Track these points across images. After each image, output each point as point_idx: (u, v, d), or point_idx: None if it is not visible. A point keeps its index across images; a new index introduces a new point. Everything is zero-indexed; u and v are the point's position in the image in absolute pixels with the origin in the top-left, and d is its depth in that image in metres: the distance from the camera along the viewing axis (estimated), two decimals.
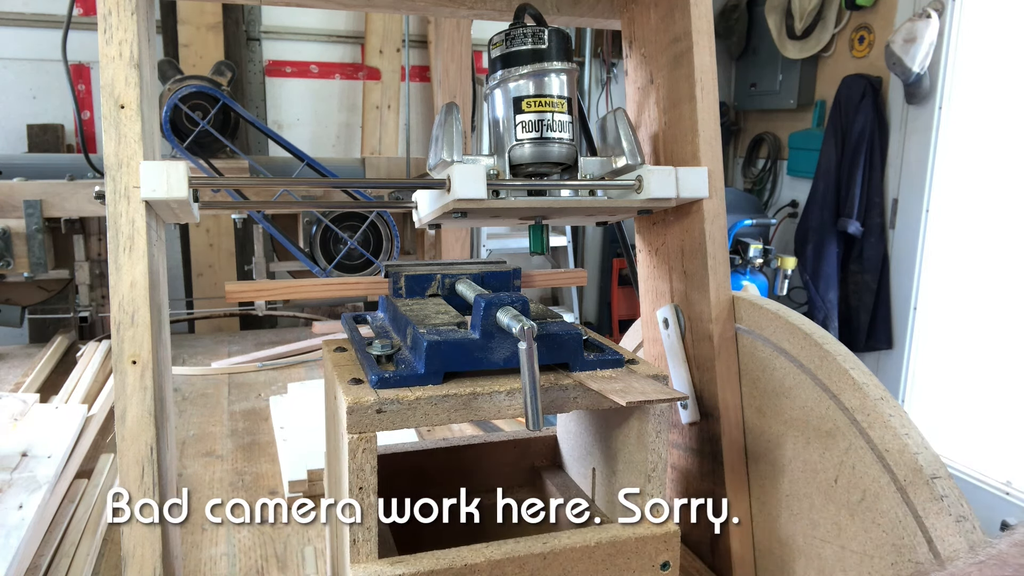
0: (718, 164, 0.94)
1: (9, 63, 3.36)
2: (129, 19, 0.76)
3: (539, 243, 0.96)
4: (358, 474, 0.69)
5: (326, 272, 2.23)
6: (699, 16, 0.92)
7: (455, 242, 2.78)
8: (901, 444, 0.72)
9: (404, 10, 1.04)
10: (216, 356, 2.22)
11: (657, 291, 1.06)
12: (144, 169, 0.76)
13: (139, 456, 0.76)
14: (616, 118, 0.91)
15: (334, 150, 4.01)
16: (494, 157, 0.88)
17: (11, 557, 1.04)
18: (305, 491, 1.35)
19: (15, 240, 2.05)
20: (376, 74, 3.85)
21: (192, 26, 3.41)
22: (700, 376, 0.98)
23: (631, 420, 0.82)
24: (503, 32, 0.87)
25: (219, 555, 1.19)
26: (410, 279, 0.92)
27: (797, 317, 0.87)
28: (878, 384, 0.77)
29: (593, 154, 0.95)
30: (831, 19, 3.81)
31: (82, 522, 1.23)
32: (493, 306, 0.73)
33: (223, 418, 1.75)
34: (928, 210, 3.37)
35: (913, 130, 3.40)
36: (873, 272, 3.55)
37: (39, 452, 1.37)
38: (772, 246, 3.91)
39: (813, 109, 4.10)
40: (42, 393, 1.77)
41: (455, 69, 2.90)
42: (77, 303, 2.34)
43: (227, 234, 3.33)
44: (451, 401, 0.71)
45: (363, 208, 2.11)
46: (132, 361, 0.76)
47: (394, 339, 0.81)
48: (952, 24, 3.19)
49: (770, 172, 4.47)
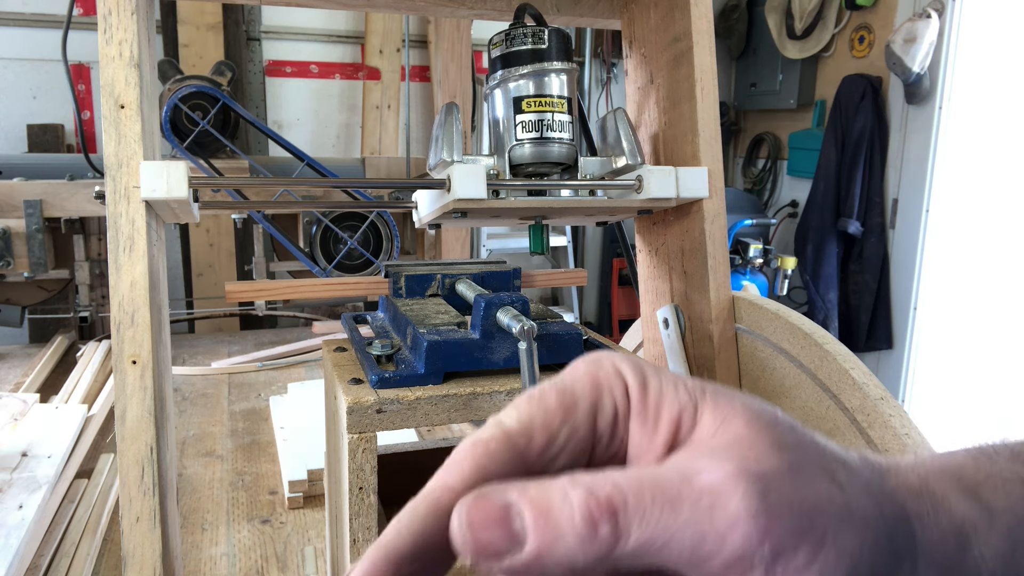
0: (718, 164, 0.94)
1: (9, 63, 3.36)
2: (129, 19, 0.76)
3: (539, 243, 0.96)
4: (358, 474, 0.69)
5: (326, 272, 2.23)
6: (699, 16, 0.92)
7: (455, 242, 2.78)
8: (901, 444, 0.72)
9: (404, 10, 1.04)
10: (216, 356, 2.22)
11: (657, 291, 1.06)
12: (144, 169, 0.76)
13: (139, 456, 0.76)
14: (616, 118, 0.91)
15: (334, 150, 4.01)
16: (494, 157, 0.88)
17: (11, 557, 1.05)
18: (305, 491, 1.35)
19: (15, 240, 2.05)
20: (376, 74, 3.85)
21: (192, 26, 3.41)
22: (700, 376, 0.98)
23: None
24: (503, 32, 0.87)
25: (219, 555, 1.19)
26: (410, 279, 0.92)
27: (797, 317, 0.87)
28: (878, 384, 0.77)
29: (593, 154, 0.95)
30: (831, 19, 3.81)
31: (82, 522, 1.23)
32: (493, 306, 0.73)
33: (223, 418, 1.75)
34: (928, 210, 3.37)
35: (913, 130, 3.41)
36: (873, 272, 3.55)
37: (39, 452, 1.37)
38: (772, 246, 3.91)
39: (813, 109, 4.10)
40: (42, 393, 1.77)
41: (455, 69, 2.90)
42: (77, 303, 2.34)
43: (227, 234, 3.33)
44: (451, 401, 0.71)
45: (363, 208, 2.11)
46: (132, 361, 0.76)
47: (394, 339, 0.81)
48: (952, 24, 3.19)
49: (770, 172, 4.47)
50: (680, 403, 0.28)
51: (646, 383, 0.28)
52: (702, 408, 0.28)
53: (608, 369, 0.29)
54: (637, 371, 0.29)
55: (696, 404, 0.28)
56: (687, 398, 0.28)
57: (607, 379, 0.29)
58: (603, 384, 0.29)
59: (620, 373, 0.29)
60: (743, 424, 0.27)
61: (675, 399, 0.28)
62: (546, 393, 0.28)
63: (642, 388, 0.28)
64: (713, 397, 0.28)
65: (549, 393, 0.28)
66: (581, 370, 0.29)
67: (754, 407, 0.27)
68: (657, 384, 0.28)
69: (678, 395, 0.28)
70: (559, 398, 0.28)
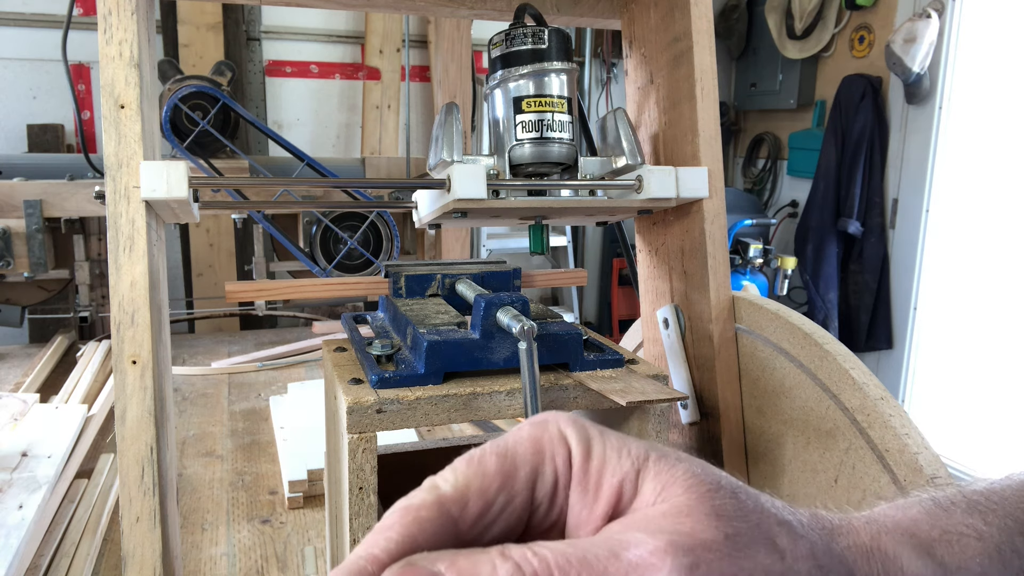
0: (718, 164, 0.94)
1: (9, 63, 3.36)
2: (129, 19, 0.76)
3: (539, 243, 0.96)
4: (358, 474, 0.69)
5: (326, 272, 2.23)
6: (699, 16, 0.92)
7: (455, 242, 2.78)
8: (901, 444, 0.72)
9: (404, 10, 1.04)
10: (216, 356, 2.22)
11: (657, 291, 1.06)
12: (144, 169, 0.76)
13: (139, 456, 0.76)
14: (616, 118, 0.91)
15: (334, 150, 4.01)
16: (494, 157, 0.88)
17: (11, 557, 1.04)
18: (305, 491, 1.35)
19: (15, 240, 2.05)
20: (376, 74, 3.85)
21: (192, 26, 3.41)
22: (700, 376, 0.98)
23: (631, 420, 0.82)
24: (503, 32, 0.87)
25: (219, 555, 1.19)
26: (410, 279, 0.92)
27: (797, 317, 0.87)
28: (878, 384, 0.77)
29: (593, 154, 0.95)
30: (831, 19, 3.81)
31: (82, 522, 1.23)
32: (493, 306, 0.73)
33: (223, 418, 1.75)
34: (928, 210, 3.37)
35: (913, 130, 3.41)
36: (873, 272, 3.55)
37: (39, 452, 1.37)
38: (772, 246, 3.91)
39: (813, 109, 4.10)
40: (42, 393, 1.77)
41: (455, 69, 2.90)
42: (77, 303, 2.34)
43: (227, 234, 3.33)
44: (451, 401, 0.71)
45: (363, 208, 2.11)
46: (132, 361, 0.76)
47: (394, 339, 0.81)
48: (952, 24, 3.19)
49: (770, 172, 4.47)
50: (622, 471, 0.28)
51: (590, 450, 0.28)
52: (644, 475, 0.27)
53: (553, 433, 0.28)
54: (582, 437, 0.28)
55: (638, 471, 0.27)
56: (629, 465, 0.28)
57: (550, 444, 0.28)
58: (545, 450, 0.28)
59: (564, 438, 0.28)
60: (683, 491, 0.26)
61: (618, 467, 0.28)
62: (486, 456, 0.28)
63: (585, 456, 0.28)
64: (656, 463, 0.28)
65: (489, 457, 0.28)
66: (525, 433, 0.29)
67: (696, 473, 0.27)
68: (601, 451, 0.28)
69: (621, 463, 0.28)
70: (499, 463, 0.27)
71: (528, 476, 0.28)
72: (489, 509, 0.27)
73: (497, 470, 0.27)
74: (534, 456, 0.28)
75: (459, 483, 0.27)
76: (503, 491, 0.27)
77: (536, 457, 0.28)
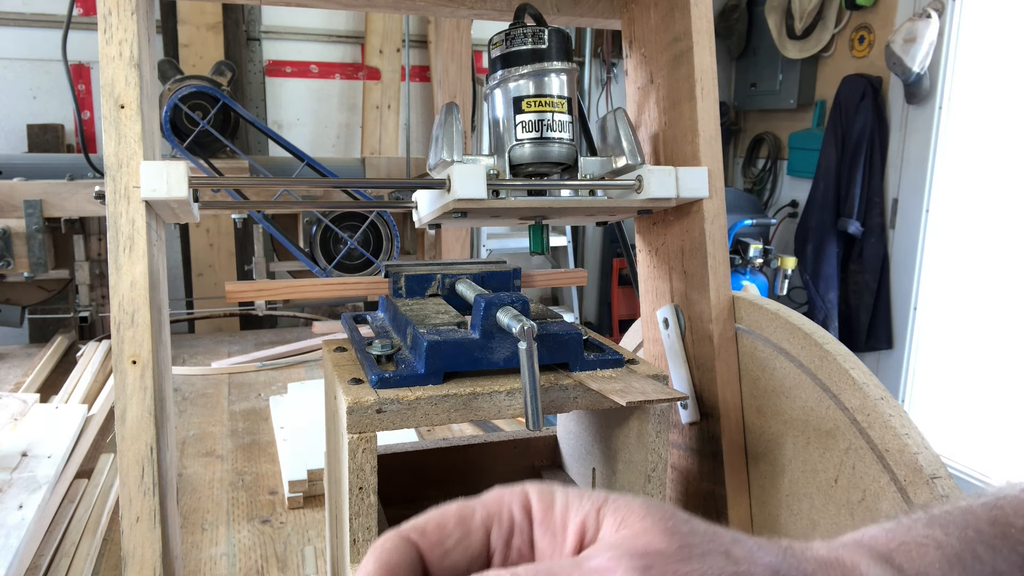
0: (718, 164, 0.94)
1: (9, 63, 3.36)
2: (129, 19, 0.76)
3: (539, 243, 0.96)
4: (358, 474, 0.69)
5: (326, 272, 2.23)
6: (699, 16, 0.92)
7: (455, 242, 2.78)
8: (901, 444, 0.72)
9: (404, 10, 1.04)
10: (216, 356, 2.22)
11: (657, 291, 1.06)
12: (144, 169, 0.76)
13: (139, 456, 0.76)
14: (616, 118, 0.91)
15: (334, 150, 4.01)
16: (494, 157, 0.88)
17: (11, 557, 1.04)
18: (305, 491, 1.35)
19: (15, 240, 2.05)
20: (376, 74, 3.85)
21: (192, 26, 3.41)
22: (700, 376, 0.98)
23: (631, 420, 0.82)
24: (503, 32, 0.87)
25: (219, 555, 1.19)
26: (410, 279, 0.92)
27: (797, 317, 0.87)
28: (878, 384, 0.77)
29: (593, 154, 0.94)
30: (831, 19, 3.81)
31: (82, 522, 1.23)
32: (493, 306, 0.73)
33: (223, 418, 1.75)
34: (928, 210, 3.37)
35: (913, 130, 3.41)
36: (873, 272, 3.55)
37: (39, 452, 1.37)
38: (772, 246, 3.91)
39: (813, 109, 4.10)
40: (42, 393, 1.77)
41: (455, 69, 2.90)
42: (77, 303, 2.34)
43: (227, 234, 3.33)
44: (451, 401, 0.71)
45: (363, 208, 2.11)
46: (132, 361, 0.76)
47: (394, 339, 0.81)
48: (952, 24, 3.19)
49: (770, 172, 4.47)
50: (584, 511, 0.30)
51: (552, 499, 0.31)
52: (604, 511, 0.30)
53: (516, 490, 0.32)
54: (544, 491, 0.32)
55: (599, 509, 0.30)
56: (590, 505, 0.31)
57: (510, 496, 0.32)
58: (505, 499, 0.32)
59: (525, 492, 0.32)
60: (639, 519, 0.29)
61: (579, 508, 0.31)
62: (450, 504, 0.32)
63: (547, 504, 0.31)
64: (615, 500, 0.31)
65: (451, 504, 0.32)
66: (494, 491, 0.33)
67: (651, 504, 0.30)
68: (563, 498, 0.31)
69: (582, 504, 0.31)
70: (459, 507, 0.32)
71: (484, 519, 0.31)
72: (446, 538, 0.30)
73: (455, 511, 0.31)
74: (494, 503, 0.32)
75: (419, 519, 0.31)
76: (459, 527, 0.31)
77: (495, 504, 0.32)
